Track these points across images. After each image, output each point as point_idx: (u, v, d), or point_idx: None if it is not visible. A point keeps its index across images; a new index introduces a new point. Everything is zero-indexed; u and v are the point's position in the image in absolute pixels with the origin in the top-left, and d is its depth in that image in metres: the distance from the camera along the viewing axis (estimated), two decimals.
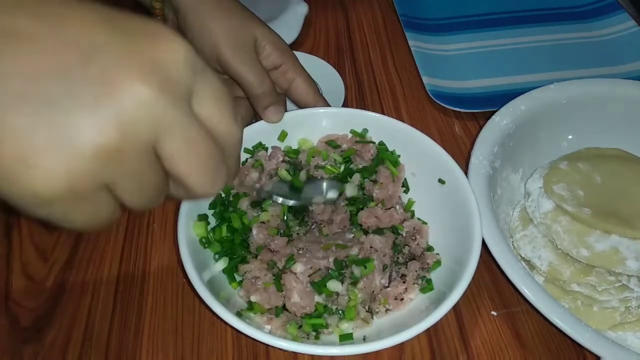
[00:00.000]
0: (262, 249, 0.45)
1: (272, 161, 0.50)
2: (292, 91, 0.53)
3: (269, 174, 0.50)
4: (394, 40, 0.73)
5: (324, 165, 0.51)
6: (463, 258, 0.42)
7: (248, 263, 0.44)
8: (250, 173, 0.49)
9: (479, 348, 0.44)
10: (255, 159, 0.50)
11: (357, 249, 0.44)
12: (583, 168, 0.49)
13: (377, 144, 0.51)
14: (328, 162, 0.51)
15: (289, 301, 0.42)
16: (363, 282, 0.43)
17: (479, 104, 0.62)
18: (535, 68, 0.68)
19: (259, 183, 0.49)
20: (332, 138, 0.52)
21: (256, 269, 0.43)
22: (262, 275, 0.43)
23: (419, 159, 0.50)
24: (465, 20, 0.75)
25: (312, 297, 0.42)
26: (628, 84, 0.57)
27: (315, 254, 0.44)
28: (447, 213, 0.47)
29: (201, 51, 0.52)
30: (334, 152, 0.52)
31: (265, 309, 0.42)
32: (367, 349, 0.37)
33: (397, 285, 0.44)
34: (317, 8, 0.77)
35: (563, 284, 0.46)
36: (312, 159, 0.51)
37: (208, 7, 0.50)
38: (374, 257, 0.43)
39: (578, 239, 0.45)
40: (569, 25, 0.74)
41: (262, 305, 0.42)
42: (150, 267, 0.49)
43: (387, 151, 0.51)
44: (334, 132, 0.52)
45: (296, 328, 0.41)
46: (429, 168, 0.49)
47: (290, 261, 0.43)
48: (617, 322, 0.45)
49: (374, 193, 0.49)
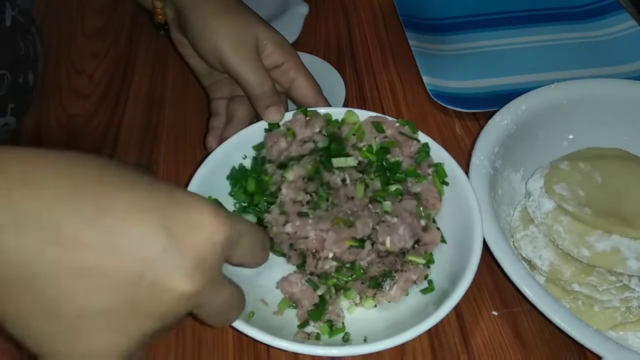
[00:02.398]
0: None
1: (307, 130, 0.48)
2: (293, 90, 0.53)
3: (301, 141, 0.48)
4: (394, 40, 0.73)
5: (362, 147, 0.49)
6: (464, 258, 0.42)
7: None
8: (279, 142, 0.48)
9: (479, 348, 0.44)
10: (287, 126, 0.49)
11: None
12: (584, 168, 0.49)
13: (422, 144, 0.49)
14: (365, 143, 0.49)
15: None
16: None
17: (480, 104, 0.62)
18: (536, 68, 0.68)
19: (286, 152, 0.47)
20: (379, 120, 0.50)
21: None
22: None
23: None
24: (465, 20, 0.75)
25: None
26: (628, 84, 0.57)
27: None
28: (448, 213, 0.47)
29: (202, 50, 0.52)
30: (376, 138, 0.49)
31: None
32: (368, 349, 0.37)
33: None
34: (318, 8, 0.77)
35: (564, 284, 0.46)
36: (352, 136, 0.49)
37: (209, 7, 0.50)
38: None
39: (579, 239, 0.45)
40: (569, 25, 0.74)
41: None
42: None
43: (429, 156, 0.48)
44: None
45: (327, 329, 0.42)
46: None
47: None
48: (618, 322, 0.45)
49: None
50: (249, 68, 0.50)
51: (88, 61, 0.69)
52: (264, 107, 0.50)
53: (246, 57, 0.50)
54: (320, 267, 0.43)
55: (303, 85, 0.52)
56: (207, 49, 0.51)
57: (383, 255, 0.43)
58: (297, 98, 0.53)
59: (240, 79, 0.50)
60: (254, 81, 0.50)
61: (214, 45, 0.50)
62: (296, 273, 0.44)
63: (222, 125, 0.55)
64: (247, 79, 0.50)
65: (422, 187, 0.47)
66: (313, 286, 0.43)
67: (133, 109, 0.63)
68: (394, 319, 0.43)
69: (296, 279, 0.43)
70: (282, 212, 0.44)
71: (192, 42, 0.53)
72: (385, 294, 0.43)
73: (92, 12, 0.76)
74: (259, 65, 0.51)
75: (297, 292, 0.43)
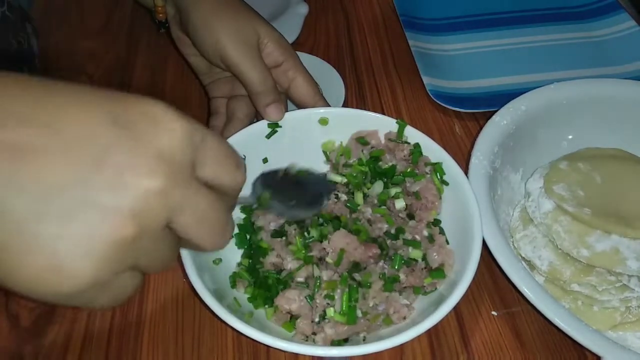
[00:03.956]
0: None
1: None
2: (292, 90, 0.53)
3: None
4: (394, 40, 0.73)
5: (352, 163, 0.50)
6: (463, 258, 0.42)
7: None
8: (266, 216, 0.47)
9: (479, 348, 0.44)
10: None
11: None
12: (583, 168, 0.49)
13: (413, 145, 0.49)
14: (355, 159, 0.50)
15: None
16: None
17: (479, 104, 0.62)
18: (535, 68, 0.68)
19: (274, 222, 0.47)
20: (361, 135, 0.51)
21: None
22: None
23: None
24: (465, 20, 0.75)
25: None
26: (628, 84, 0.57)
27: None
28: (447, 213, 0.47)
29: (203, 48, 0.52)
30: (363, 150, 0.50)
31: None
32: (367, 349, 0.37)
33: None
34: (317, 8, 0.77)
35: (563, 284, 0.46)
36: (341, 157, 0.50)
37: (210, 5, 0.50)
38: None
39: (578, 239, 0.45)
40: (569, 25, 0.74)
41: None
42: None
43: (424, 155, 0.49)
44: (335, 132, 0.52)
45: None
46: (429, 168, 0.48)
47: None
48: (617, 322, 0.45)
49: (415, 212, 0.47)
50: (251, 66, 0.50)
51: (88, 61, 0.69)
52: (264, 105, 0.50)
53: (248, 54, 0.50)
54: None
55: (302, 86, 0.52)
56: (209, 46, 0.51)
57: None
58: (296, 98, 0.53)
59: (242, 75, 0.50)
60: (255, 78, 0.50)
61: (216, 42, 0.50)
62: (294, 289, 0.42)
63: (222, 124, 0.55)
64: (249, 75, 0.50)
65: (421, 185, 0.47)
66: (311, 302, 0.42)
67: None
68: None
69: (294, 295, 0.42)
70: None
71: (193, 40, 0.53)
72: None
73: (92, 12, 0.76)
74: (261, 62, 0.50)
75: (296, 308, 0.42)
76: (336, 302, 0.41)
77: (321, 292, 0.42)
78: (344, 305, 0.41)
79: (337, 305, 0.41)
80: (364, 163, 0.50)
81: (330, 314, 0.41)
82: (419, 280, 0.43)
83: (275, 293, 0.42)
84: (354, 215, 0.47)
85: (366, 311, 0.42)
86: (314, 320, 0.41)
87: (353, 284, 0.42)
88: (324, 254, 0.44)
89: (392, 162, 0.49)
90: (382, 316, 0.42)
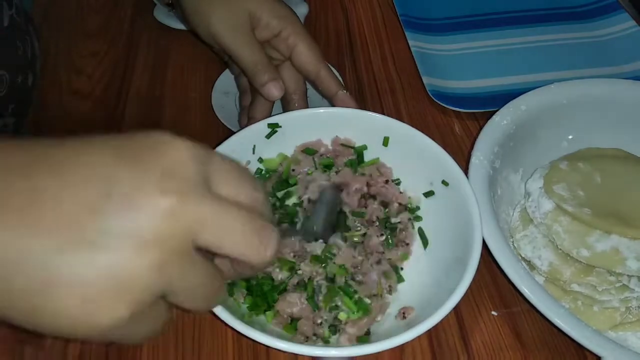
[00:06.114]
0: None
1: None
2: (294, 58, 0.52)
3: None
4: (394, 40, 0.73)
5: (305, 172, 0.51)
6: (463, 258, 0.42)
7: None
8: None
9: (479, 348, 0.44)
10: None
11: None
12: (583, 168, 0.49)
13: (355, 149, 0.51)
14: (304, 169, 0.51)
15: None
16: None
17: (479, 104, 0.62)
18: (535, 68, 0.68)
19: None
20: (307, 146, 0.51)
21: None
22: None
23: (419, 159, 0.49)
24: (465, 20, 0.75)
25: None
26: (628, 84, 0.57)
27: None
28: (447, 213, 0.47)
29: (199, 33, 0.53)
30: (315, 158, 0.51)
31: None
32: (367, 349, 0.37)
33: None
34: (317, 8, 0.77)
35: (563, 284, 0.46)
36: (292, 171, 0.50)
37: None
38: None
39: (578, 239, 0.45)
40: (569, 25, 0.74)
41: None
42: None
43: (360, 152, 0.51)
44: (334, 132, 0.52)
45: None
46: (429, 168, 0.48)
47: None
48: (617, 322, 0.45)
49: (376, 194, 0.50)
50: (242, 46, 0.50)
51: (88, 61, 0.69)
52: (261, 85, 0.50)
53: (239, 36, 0.50)
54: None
55: (304, 52, 0.52)
56: (202, 31, 0.51)
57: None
58: (299, 65, 0.53)
59: (236, 58, 0.51)
60: (248, 59, 0.50)
61: (207, 26, 0.50)
62: (294, 292, 0.42)
63: (248, 102, 0.55)
64: (241, 57, 0.50)
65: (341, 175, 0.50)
66: (313, 306, 0.42)
67: (133, 108, 0.63)
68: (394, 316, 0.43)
69: (295, 299, 0.42)
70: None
71: (190, 25, 0.54)
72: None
73: (92, 12, 0.76)
74: (252, 42, 0.50)
75: (298, 311, 0.42)
76: (342, 308, 0.42)
77: (321, 293, 0.42)
78: (350, 305, 0.41)
79: (344, 309, 0.42)
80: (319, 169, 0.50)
81: (344, 317, 0.41)
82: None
83: (272, 299, 0.42)
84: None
85: (367, 292, 0.43)
86: (326, 324, 0.42)
87: (342, 284, 0.43)
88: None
89: (340, 167, 0.51)
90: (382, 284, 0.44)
